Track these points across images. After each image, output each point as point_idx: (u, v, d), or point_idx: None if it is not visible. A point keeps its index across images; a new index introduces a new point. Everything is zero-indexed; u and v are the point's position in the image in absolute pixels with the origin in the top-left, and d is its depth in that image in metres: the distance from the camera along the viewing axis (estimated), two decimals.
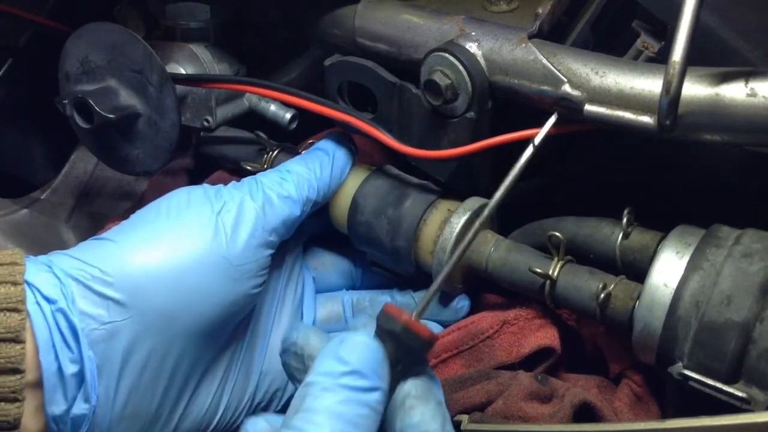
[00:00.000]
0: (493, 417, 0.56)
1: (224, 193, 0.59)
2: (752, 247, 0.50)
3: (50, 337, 0.48)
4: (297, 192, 0.62)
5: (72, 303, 0.49)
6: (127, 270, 0.52)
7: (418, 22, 0.65)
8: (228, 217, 0.57)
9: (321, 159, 0.66)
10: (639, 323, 0.53)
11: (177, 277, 0.53)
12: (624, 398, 0.58)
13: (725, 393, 0.47)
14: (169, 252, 0.53)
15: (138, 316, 0.51)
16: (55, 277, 0.50)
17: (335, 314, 0.69)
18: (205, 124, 0.80)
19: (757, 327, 0.47)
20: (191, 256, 0.54)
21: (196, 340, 0.54)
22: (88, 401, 0.49)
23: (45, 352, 0.47)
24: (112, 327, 0.50)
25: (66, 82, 0.76)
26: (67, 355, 0.48)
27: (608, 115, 0.54)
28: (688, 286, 0.50)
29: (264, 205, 0.59)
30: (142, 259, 0.52)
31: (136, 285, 0.51)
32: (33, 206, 0.96)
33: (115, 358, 0.50)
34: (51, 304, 0.48)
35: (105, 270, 0.51)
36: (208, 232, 0.55)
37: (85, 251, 0.53)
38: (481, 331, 0.62)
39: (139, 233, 0.55)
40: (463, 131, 0.62)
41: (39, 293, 0.48)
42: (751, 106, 0.49)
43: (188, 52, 0.80)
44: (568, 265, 0.59)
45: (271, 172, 0.64)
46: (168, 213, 0.56)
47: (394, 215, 0.65)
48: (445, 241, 0.62)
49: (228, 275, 0.55)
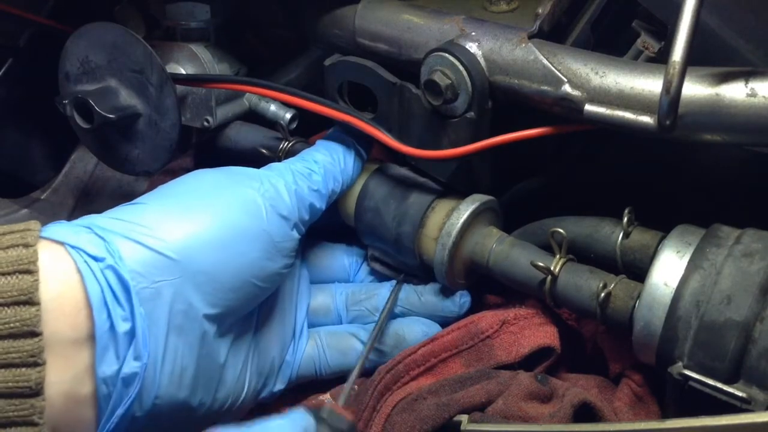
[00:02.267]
0: (493, 417, 0.56)
1: (261, 175, 0.60)
2: (752, 246, 0.50)
3: (102, 295, 0.47)
4: (324, 185, 0.63)
5: (120, 260, 0.49)
6: (178, 231, 0.52)
7: (419, 22, 0.65)
8: (267, 197, 0.58)
9: (344, 149, 0.67)
10: (639, 323, 0.53)
11: (223, 243, 0.53)
12: (624, 398, 0.58)
13: (725, 393, 0.46)
14: (216, 219, 0.54)
15: (186, 275, 0.51)
16: (97, 236, 0.50)
17: (325, 306, 0.70)
18: (206, 124, 0.80)
19: (757, 326, 0.47)
20: (237, 225, 0.55)
21: (231, 308, 0.55)
22: (138, 359, 0.48)
23: (98, 310, 0.47)
24: (161, 285, 0.50)
25: (66, 82, 0.76)
26: (119, 312, 0.48)
27: (608, 115, 0.54)
28: (689, 285, 0.50)
29: (297, 193, 0.60)
30: (191, 222, 0.53)
31: (187, 245, 0.52)
32: (33, 206, 0.96)
33: (163, 316, 0.50)
34: (99, 262, 0.48)
35: (155, 228, 0.51)
36: (251, 206, 0.56)
37: (127, 213, 0.53)
38: (480, 331, 0.62)
39: (183, 200, 0.55)
40: (463, 131, 0.62)
41: (85, 253, 0.48)
42: (751, 106, 0.49)
43: (188, 52, 0.80)
44: (569, 264, 0.59)
45: (298, 161, 0.64)
46: (208, 186, 0.58)
47: (403, 202, 0.66)
48: (451, 226, 0.63)
49: (267, 250, 0.56)
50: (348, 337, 0.67)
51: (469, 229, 0.63)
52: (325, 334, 0.68)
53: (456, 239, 0.62)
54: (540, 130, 0.58)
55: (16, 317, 0.44)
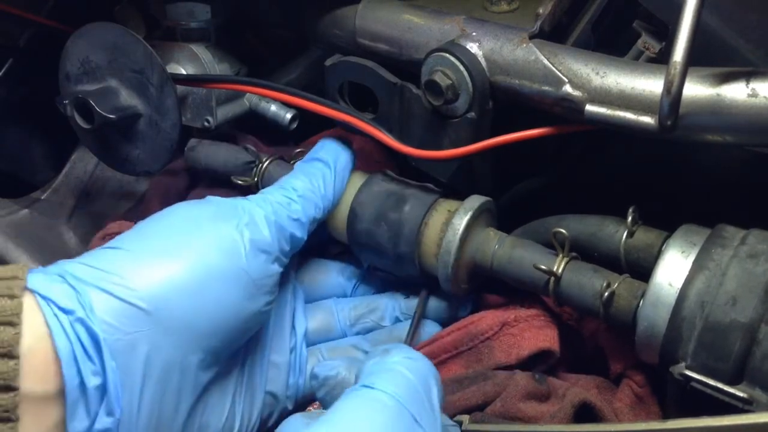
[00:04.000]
0: (493, 417, 0.56)
1: (239, 207, 0.58)
2: (758, 247, 0.50)
3: (71, 349, 0.46)
4: (304, 214, 0.62)
5: (91, 312, 0.47)
6: (150, 279, 0.50)
7: (419, 23, 0.65)
8: (246, 232, 0.56)
9: (323, 173, 0.65)
10: (643, 322, 0.52)
11: (199, 288, 0.52)
12: (624, 399, 0.58)
13: (728, 394, 0.46)
14: (191, 262, 0.52)
15: (160, 325, 0.49)
16: (70, 287, 0.48)
17: (326, 325, 0.68)
18: (206, 124, 0.80)
19: (762, 328, 0.47)
20: (213, 267, 0.53)
21: (212, 352, 0.53)
22: (111, 414, 0.47)
23: (67, 366, 0.45)
24: (134, 337, 0.48)
25: (66, 82, 0.76)
26: (89, 367, 0.46)
27: (609, 116, 0.54)
28: (693, 285, 0.50)
29: (276, 224, 0.59)
30: (164, 268, 0.51)
31: (159, 294, 0.50)
32: (33, 206, 0.96)
33: (137, 368, 0.48)
34: (69, 315, 0.47)
35: (126, 277, 0.50)
36: (228, 245, 0.55)
37: (100, 259, 0.51)
38: (480, 332, 0.62)
39: (158, 243, 0.54)
40: (463, 131, 0.62)
41: (55, 305, 0.47)
42: (752, 107, 0.49)
43: (189, 52, 0.80)
44: (573, 263, 0.58)
45: (277, 191, 0.62)
46: (184, 224, 0.56)
47: (394, 221, 0.64)
48: (448, 243, 0.61)
49: (246, 289, 0.54)
50: (350, 350, 0.66)
51: (468, 238, 0.62)
52: (326, 350, 0.66)
53: (456, 255, 0.61)
54: (541, 130, 0.58)
55: None
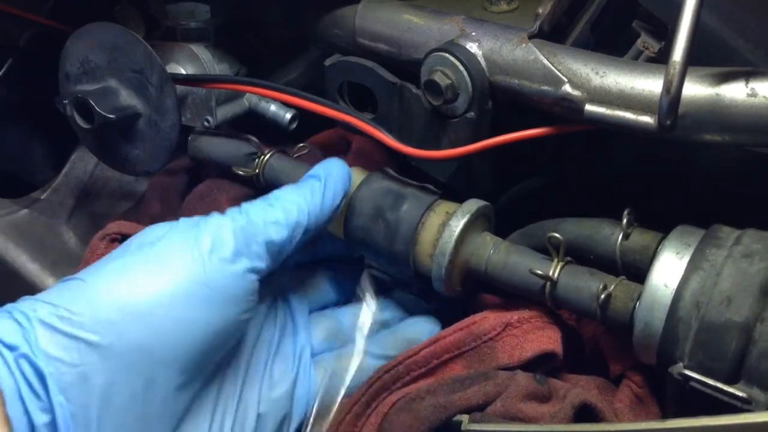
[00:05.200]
0: (493, 417, 0.56)
1: (202, 223, 0.56)
2: (752, 247, 0.50)
3: (16, 386, 0.45)
4: (284, 216, 0.59)
5: (36, 347, 0.46)
6: (97, 307, 0.48)
7: (419, 22, 0.65)
8: (205, 243, 0.53)
9: (312, 184, 0.63)
10: (639, 324, 0.52)
11: (151, 310, 0.49)
12: (625, 399, 0.58)
13: (726, 393, 0.46)
14: (141, 284, 0.50)
15: (113, 355, 0.47)
16: (15, 322, 0.47)
17: (334, 332, 0.66)
18: (206, 124, 0.80)
19: (757, 327, 0.47)
20: (166, 286, 0.51)
21: (177, 376, 0.51)
22: None
23: (12, 404, 0.44)
24: (85, 369, 0.47)
25: (66, 82, 0.76)
26: (36, 404, 0.45)
27: (609, 115, 0.54)
28: (689, 286, 0.50)
29: (246, 230, 0.56)
30: (112, 294, 0.49)
31: (108, 322, 0.48)
32: (33, 206, 0.96)
33: (93, 402, 0.47)
34: (12, 351, 0.46)
35: (73, 309, 0.48)
36: (183, 260, 0.52)
37: (54, 293, 0.50)
38: (483, 333, 0.62)
39: (109, 268, 0.52)
40: (463, 131, 0.62)
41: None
42: (751, 107, 0.49)
43: (188, 52, 0.80)
44: (569, 266, 0.58)
45: (257, 201, 0.60)
46: (140, 246, 0.54)
47: (392, 218, 0.64)
48: (444, 244, 0.61)
49: (208, 302, 0.52)
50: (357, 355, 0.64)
51: (463, 242, 0.62)
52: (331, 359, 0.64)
53: (451, 257, 0.61)
54: (540, 130, 0.58)
55: None
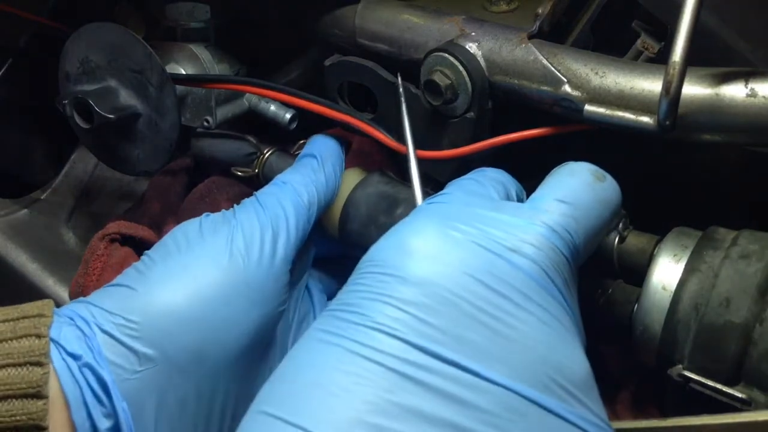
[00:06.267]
0: None
1: (230, 218, 0.58)
2: (749, 248, 0.50)
3: (81, 394, 0.46)
4: (296, 198, 0.61)
5: (99, 355, 0.48)
6: (151, 316, 0.50)
7: (418, 22, 0.65)
8: (239, 240, 0.55)
9: (310, 163, 0.65)
10: (638, 326, 0.52)
11: (201, 314, 0.51)
12: (624, 401, 0.58)
13: (726, 394, 0.46)
14: (189, 289, 0.52)
15: (168, 360, 0.49)
16: (78, 329, 0.48)
17: None
18: (205, 124, 0.80)
19: (756, 328, 0.47)
20: (212, 288, 0.52)
21: (228, 375, 0.53)
22: None
23: (77, 411, 0.46)
24: (143, 375, 0.49)
25: (66, 82, 0.76)
26: (99, 410, 0.47)
27: (608, 116, 0.54)
28: (687, 288, 0.50)
29: (270, 221, 0.58)
30: (163, 302, 0.51)
31: (162, 330, 0.50)
32: (33, 206, 0.96)
33: (150, 406, 0.49)
34: (77, 360, 0.47)
35: (129, 318, 0.50)
36: (223, 260, 0.54)
37: (106, 300, 0.51)
38: None
39: (155, 274, 0.53)
40: (463, 131, 0.62)
41: (63, 350, 0.47)
42: (751, 107, 0.49)
43: (188, 53, 0.80)
44: None
45: (267, 188, 0.62)
46: (179, 249, 0.55)
47: (384, 224, 0.63)
48: None
49: (251, 300, 0.54)
50: None
51: None
52: None
53: None
54: (540, 130, 0.58)
55: (23, 410, 0.43)
